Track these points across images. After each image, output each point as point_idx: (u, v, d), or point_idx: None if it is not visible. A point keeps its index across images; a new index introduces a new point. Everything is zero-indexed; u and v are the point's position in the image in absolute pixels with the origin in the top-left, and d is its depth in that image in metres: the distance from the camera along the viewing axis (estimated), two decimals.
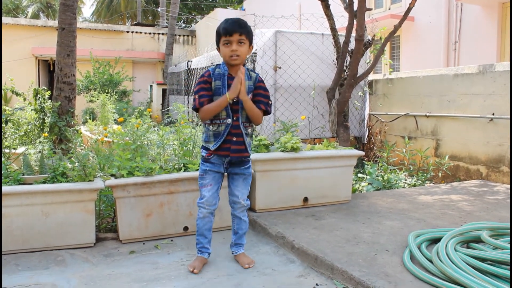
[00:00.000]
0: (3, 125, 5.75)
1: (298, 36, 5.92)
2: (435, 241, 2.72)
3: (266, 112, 2.60)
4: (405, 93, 6.14)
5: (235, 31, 2.44)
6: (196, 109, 2.49)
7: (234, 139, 2.52)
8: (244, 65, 2.57)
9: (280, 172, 3.60)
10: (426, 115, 5.77)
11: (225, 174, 2.66)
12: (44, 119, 6.12)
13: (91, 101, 11.47)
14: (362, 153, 4.05)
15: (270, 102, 2.62)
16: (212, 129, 2.54)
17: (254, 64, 5.85)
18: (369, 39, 5.55)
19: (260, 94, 2.59)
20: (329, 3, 5.34)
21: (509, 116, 4.70)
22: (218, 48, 2.53)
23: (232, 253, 2.77)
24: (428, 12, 9.66)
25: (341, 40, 5.41)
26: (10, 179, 3.02)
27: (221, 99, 2.45)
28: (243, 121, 2.54)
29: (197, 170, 3.24)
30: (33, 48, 15.61)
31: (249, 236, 3.25)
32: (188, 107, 10.42)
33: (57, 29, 5.98)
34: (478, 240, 2.58)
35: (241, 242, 2.75)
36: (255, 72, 2.65)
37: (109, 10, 28.17)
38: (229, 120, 2.50)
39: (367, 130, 6.51)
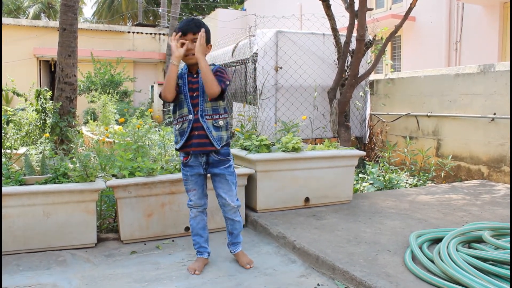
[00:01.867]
0: (5, 125, 5.76)
1: (299, 36, 5.92)
2: (437, 241, 2.71)
3: (221, 88, 2.46)
4: (406, 93, 6.13)
5: (189, 30, 2.47)
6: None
7: (196, 133, 2.52)
8: None
9: (281, 172, 3.60)
10: (427, 115, 5.76)
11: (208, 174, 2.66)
12: (45, 120, 6.13)
13: (92, 101, 11.50)
14: (363, 153, 4.05)
15: (227, 83, 2.52)
16: (178, 128, 2.56)
17: (255, 64, 5.85)
18: (370, 39, 5.54)
19: (216, 75, 2.49)
20: (330, 3, 5.34)
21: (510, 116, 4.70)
22: None
23: (231, 252, 2.76)
24: (429, 12, 9.65)
25: (342, 40, 5.41)
26: (12, 180, 3.02)
27: (169, 68, 2.48)
28: (205, 113, 2.52)
29: None
30: (34, 49, 15.64)
31: (250, 236, 3.25)
32: None
33: (58, 30, 5.99)
34: (480, 240, 2.57)
35: (238, 240, 2.74)
36: (214, 65, 2.59)
37: (110, 11, 28.19)
38: (191, 116, 2.51)
39: (368, 130, 6.50)
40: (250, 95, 5.99)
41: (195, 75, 2.55)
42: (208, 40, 2.53)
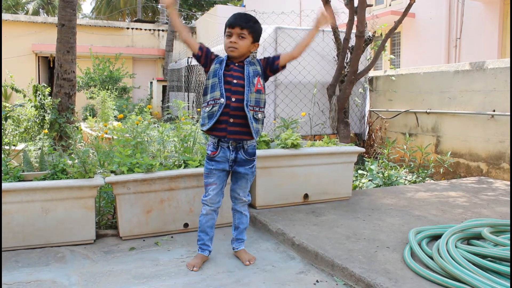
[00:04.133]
0: (3, 121, 5.74)
1: (298, 33, 5.90)
2: (436, 237, 2.71)
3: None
4: (406, 90, 6.12)
5: (237, 24, 2.48)
6: None
7: (231, 120, 2.49)
8: (247, 57, 2.58)
9: (280, 168, 3.60)
10: (426, 111, 5.76)
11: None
12: (44, 116, 6.12)
13: (91, 97, 11.48)
14: (363, 149, 4.05)
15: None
16: (207, 111, 2.53)
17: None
18: (369, 36, 5.53)
19: (269, 57, 2.63)
20: None
21: (509, 113, 4.69)
22: None
23: (233, 249, 2.76)
24: (429, 9, 9.64)
25: (342, 36, 5.40)
26: (10, 176, 3.01)
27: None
28: (248, 103, 2.49)
29: (197, 167, 3.24)
30: (33, 45, 15.59)
31: (250, 232, 3.25)
32: (188, 104, 10.40)
33: (57, 26, 5.97)
34: (479, 236, 2.58)
35: (242, 237, 2.75)
36: (257, 59, 2.65)
37: (109, 7, 28.12)
38: (222, 100, 2.47)
39: (368, 127, 6.50)
40: None
41: (237, 64, 2.55)
42: (256, 39, 2.56)
